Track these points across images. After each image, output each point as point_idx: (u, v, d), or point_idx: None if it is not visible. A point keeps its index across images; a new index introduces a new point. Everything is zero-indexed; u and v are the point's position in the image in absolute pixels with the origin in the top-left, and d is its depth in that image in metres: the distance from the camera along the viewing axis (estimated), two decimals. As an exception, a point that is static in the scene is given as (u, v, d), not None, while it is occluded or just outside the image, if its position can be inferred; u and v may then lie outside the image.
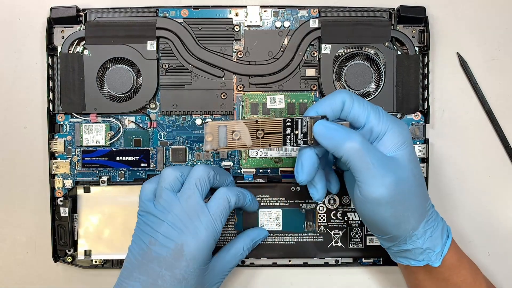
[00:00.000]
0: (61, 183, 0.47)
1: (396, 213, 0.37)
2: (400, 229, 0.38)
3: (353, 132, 0.36)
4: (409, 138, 0.38)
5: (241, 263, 0.48)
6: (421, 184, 0.38)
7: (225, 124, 0.36)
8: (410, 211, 0.37)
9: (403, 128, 0.38)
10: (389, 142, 0.37)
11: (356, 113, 0.37)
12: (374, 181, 0.36)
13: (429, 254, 0.39)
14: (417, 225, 0.38)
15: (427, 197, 0.39)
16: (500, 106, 0.48)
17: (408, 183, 0.37)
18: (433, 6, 0.48)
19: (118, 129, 0.47)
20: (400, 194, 0.36)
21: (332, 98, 0.38)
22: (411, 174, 0.37)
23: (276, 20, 0.47)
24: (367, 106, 0.38)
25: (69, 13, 0.46)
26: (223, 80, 0.47)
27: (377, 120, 0.37)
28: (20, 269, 0.48)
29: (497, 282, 0.48)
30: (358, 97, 0.38)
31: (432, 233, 0.39)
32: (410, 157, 0.37)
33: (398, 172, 0.36)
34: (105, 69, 0.46)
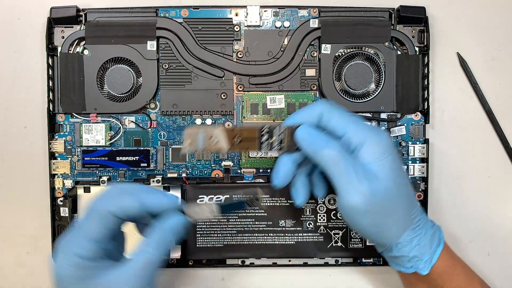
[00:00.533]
0: (61, 183, 0.47)
1: (376, 222, 0.37)
2: (383, 238, 0.38)
3: (332, 140, 0.37)
4: (391, 147, 0.38)
5: (241, 263, 0.48)
6: (404, 193, 0.38)
7: (203, 130, 0.38)
8: (391, 220, 0.37)
9: (382, 138, 0.37)
10: (367, 152, 0.37)
11: (335, 123, 0.38)
12: (350, 189, 0.36)
13: (417, 262, 0.39)
14: (400, 233, 0.38)
15: (413, 206, 0.39)
16: (500, 106, 0.48)
17: (387, 192, 0.37)
18: (433, 6, 0.48)
19: (118, 129, 0.47)
20: (378, 203, 0.36)
21: (310, 109, 0.38)
22: (391, 183, 0.37)
23: (276, 20, 0.47)
24: (346, 117, 0.38)
25: (69, 13, 0.46)
26: (223, 80, 0.47)
27: (355, 131, 0.37)
28: (20, 269, 0.48)
29: (497, 282, 0.48)
30: (337, 108, 0.38)
31: (420, 241, 0.38)
32: (391, 166, 0.37)
33: (376, 182, 0.36)
34: (105, 69, 0.46)
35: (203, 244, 0.46)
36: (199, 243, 0.46)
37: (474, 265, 0.48)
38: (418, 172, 0.47)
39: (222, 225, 0.46)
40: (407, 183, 0.39)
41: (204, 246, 0.46)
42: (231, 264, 0.48)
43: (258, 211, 0.46)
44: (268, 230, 0.46)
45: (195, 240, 0.46)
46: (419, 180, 0.47)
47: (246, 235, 0.46)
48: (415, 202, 0.39)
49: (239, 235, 0.46)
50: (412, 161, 0.47)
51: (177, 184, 0.47)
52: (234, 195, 0.40)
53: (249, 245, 0.46)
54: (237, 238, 0.46)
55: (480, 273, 0.48)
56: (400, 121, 0.47)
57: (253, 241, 0.46)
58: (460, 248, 0.48)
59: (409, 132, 0.47)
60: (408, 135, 0.47)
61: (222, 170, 0.47)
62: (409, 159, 0.47)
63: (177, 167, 0.47)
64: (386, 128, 0.47)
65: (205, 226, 0.46)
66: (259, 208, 0.46)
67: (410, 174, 0.47)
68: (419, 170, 0.47)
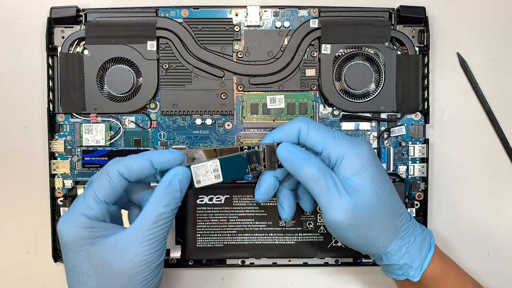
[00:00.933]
0: (61, 183, 0.47)
1: (360, 235, 0.37)
2: (370, 248, 0.38)
3: (312, 157, 0.37)
4: (371, 158, 0.37)
5: (241, 263, 0.48)
6: (387, 204, 0.38)
7: (185, 153, 0.39)
8: (376, 231, 0.38)
9: (362, 150, 0.37)
10: (347, 166, 0.37)
11: (312, 140, 0.38)
12: (331, 205, 0.36)
13: (408, 269, 0.39)
14: (387, 243, 0.38)
15: (398, 214, 0.39)
16: (500, 106, 0.48)
17: (369, 206, 0.37)
18: (433, 6, 0.48)
19: (118, 129, 0.47)
20: (360, 217, 0.37)
21: (288, 127, 0.38)
22: (373, 196, 0.37)
23: (276, 20, 0.47)
24: (323, 132, 0.38)
25: (69, 13, 0.46)
26: (223, 80, 0.47)
27: (333, 146, 0.37)
28: (20, 269, 0.48)
29: (497, 282, 0.48)
30: (315, 124, 0.38)
31: (409, 249, 0.38)
32: (372, 178, 0.37)
33: (357, 196, 0.36)
34: (105, 69, 0.46)
35: (203, 244, 0.46)
36: (199, 243, 0.46)
37: (474, 265, 0.48)
38: (418, 172, 0.47)
39: (222, 225, 0.46)
40: (391, 192, 0.39)
41: (204, 246, 0.46)
42: (231, 264, 0.48)
43: (258, 211, 0.46)
44: (268, 230, 0.46)
45: (195, 240, 0.46)
46: (419, 180, 0.47)
47: (246, 235, 0.46)
48: (401, 210, 0.39)
49: (239, 235, 0.46)
50: (412, 161, 0.47)
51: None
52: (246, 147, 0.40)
53: (249, 245, 0.46)
54: (237, 238, 0.46)
55: (480, 273, 0.48)
56: (400, 121, 0.47)
57: (253, 241, 0.46)
58: (460, 248, 0.48)
59: (409, 132, 0.47)
60: (408, 135, 0.47)
61: (222, 170, 0.47)
62: (409, 159, 0.47)
63: (177, 167, 0.47)
64: (386, 128, 0.47)
65: (205, 226, 0.46)
66: (255, 171, 0.42)
67: (410, 174, 0.47)
68: (419, 170, 0.47)
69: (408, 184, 0.47)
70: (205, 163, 0.38)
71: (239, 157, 0.39)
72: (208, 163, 0.38)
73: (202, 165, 0.38)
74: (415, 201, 0.47)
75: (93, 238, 0.35)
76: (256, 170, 0.39)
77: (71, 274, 0.36)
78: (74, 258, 0.35)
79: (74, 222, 0.35)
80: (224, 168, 0.38)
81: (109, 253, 0.35)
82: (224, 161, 0.38)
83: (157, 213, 0.35)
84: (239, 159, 0.39)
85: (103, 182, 0.35)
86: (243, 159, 0.39)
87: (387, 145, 0.47)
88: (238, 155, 0.39)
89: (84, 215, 0.35)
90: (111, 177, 0.35)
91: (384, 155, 0.47)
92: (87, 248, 0.35)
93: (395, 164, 0.47)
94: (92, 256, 0.35)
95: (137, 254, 0.35)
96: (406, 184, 0.47)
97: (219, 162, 0.38)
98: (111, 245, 0.35)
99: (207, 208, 0.46)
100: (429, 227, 0.47)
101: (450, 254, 0.42)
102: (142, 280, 0.35)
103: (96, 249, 0.35)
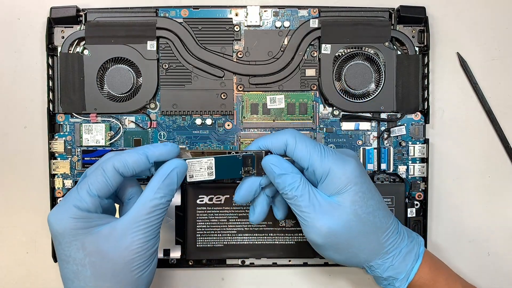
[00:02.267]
0: (61, 183, 0.47)
1: (339, 252, 0.38)
2: (352, 263, 0.39)
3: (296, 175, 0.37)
4: (356, 177, 0.37)
5: (241, 263, 0.48)
6: (368, 222, 0.38)
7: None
8: (355, 249, 0.38)
9: (346, 169, 0.37)
10: (330, 184, 0.37)
11: (299, 155, 0.38)
12: (308, 225, 0.37)
13: (393, 281, 0.39)
14: (370, 258, 0.38)
15: (382, 231, 0.38)
16: (500, 106, 0.48)
17: (347, 225, 0.37)
18: (433, 6, 0.48)
19: (118, 129, 0.47)
20: (336, 237, 0.37)
21: (276, 138, 0.38)
22: (351, 216, 0.37)
23: (276, 20, 0.47)
24: (310, 148, 0.38)
25: (69, 13, 0.46)
26: (223, 80, 0.47)
27: (319, 162, 0.37)
28: (20, 269, 0.48)
29: (497, 282, 0.48)
30: (303, 139, 0.38)
31: (393, 262, 0.38)
32: (353, 198, 0.37)
33: (335, 215, 0.37)
34: (105, 69, 0.46)
35: (203, 244, 0.46)
36: (199, 243, 0.46)
37: (474, 265, 0.48)
38: (418, 172, 0.47)
39: (222, 225, 0.46)
40: (375, 209, 0.38)
41: (204, 246, 0.46)
42: (231, 264, 0.48)
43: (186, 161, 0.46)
44: (268, 230, 0.46)
45: (195, 240, 0.46)
46: (419, 180, 0.47)
47: (246, 235, 0.46)
48: (387, 224, 0.39)
49: (239, 235, 0.46)
50: (412, 161, 0.47)
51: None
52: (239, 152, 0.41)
53: (249, 245, 0.46)
54: (237, 238, 0.46)
55: (480, 273, 0.48)
56: (400, 121, 0.47)
57: (253, 241, 0.46)
58: (460, 248, 0.48)
59: (409, 132, 0.47)
60: (408, 135, 0.47)
61: (222, 170, 0.47)
62: (409, 159, 0.47)
63: (177, 167, 0.47)
64: (386, 128, 0.47)
65: (205, 226, 0.46)
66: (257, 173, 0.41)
67: (410, 174, 0.47)
68: (419, 170, 0.47)
69: (408, 184, 0.47)
70: (201, 159, 0.39)
71: (235, 158, 0.39)
72: (203, 159, 0.39)
73: (198, 161, 0.39)
74: (415, 201, 0.47)
75: (87, 228, 0.35)
76: (250, 173, 0.39)
77: (65, 266, 0.35)
78: (67, 249, 0.35)
79: (65, 213, 0.35)
80: (218, 167, 0.39)
81: (105, 241, 0.35)
82: (219, 160, 0.39)
83: (153, 203, 0.35)
84: (234, 160, 0.39)
85: (98, 177, 0.35)
86: (238, 161, 0.39)
87: (387, 145, 0.47)
88: (234, 156, 0.39)
89: (76, 206, 0.35)
90: (107, 172, 0.35)
91: (384, 155, 0.47)
92: (82, 237, 0.35)
93: (395, 164, 0.47)
94: (87, 244, 0.35)
95: (133, 241, 0.35)
96: (406, 184, 0.47)
97: (214, 160, 0.39)
98: (106, 234, 0.35)
99: (207, 208, 0.46)
100: (429, 227, 0.47)
101: (450, 254, 0.42)
102: (138, 267, 0.35)
103: (91, 238, 0.35)
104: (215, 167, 0.39)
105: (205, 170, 0.39)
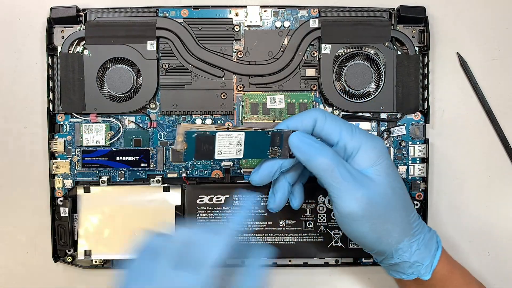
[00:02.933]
0: (61, 183, 0.47)
1: (374, 228, 0.37)
2: (383, 244, 0.38)
3: (326, 147, 0.37)
4: (385, 152, 0.38)
5: (241, 263, 0.47)
6: (401, 197, 0.38)
7: (197, 127, 0.36)
8: (390, 225, 0.37)
9: (377, 143, 0.38)
10: (363, 158, 0.37)
11: (329, 130, 0.38)
12: (345, 196, 0.36)
13: (418, 267, 0.39)
14: (400, 238, 0.38)
15: (410, 210, 0.39)
16: (500, 106, 0.48)
17: (384, 197, 0.37)
18: (433, 6, 0.48)
19: (118, 129, 0.47)
20: (375, 208, 0.36)
21: (304, 115, 0.38)
22: (388, 188, 0.37)
23: (276, 20, 0.47)
24: (340, 123, 0.38)
25: (69, 13, 0.46)
26: (223, 80, 0.47)
27: (350, 137, 0.37)
28: (20, 269, 0.48)
29: (497, 282, 0.48)
30: (331, 115, 0.38)
31: (419, 245, 0.38)
32: (387, 171, 0.37)
33: (372, 187, 0.36)
34: (105, 69, 0.46)
35: (203, 244, 0.46)
36: (199, 243, 0.46)
37: (474, 265, 0.48)
38: (418, 172, 0.47)
39: (222, 225, 0.46)
40: (403, 187, 0.39)
41: (204, 246, 0.46)
42: (231, 264, 0.48)
43: (258, 210, 0.46)
44: (268, 230, 0.46)
45: (195, 240, 0.46)
46: (419, 180, 0.47)
47: (246, 235, 0.46)
48: (412, 206, 0.39)
49: (239, 235, 0.46)
50: (412, 161, 0.47)
51: (177, 184, 0.47)
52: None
53: (249, 245, 0.46)
54: (237, 238, 0.46)
55: (480, 273, 0.48)
56: (400, 121, 0.47)
57: (253, 241, 0.46)
58: (460, 248, 0.48)
59: (409, 132, 0.47)
60: (408, 135, 0.47)
61: (222, 170, 0.47)
62: (409, 159, 0.47)
63: (177, 167, 0.47)
64: (386, 128, 0.47)
65: (205, 226, 0.46)
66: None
67: (410, 174, 0.47)
68: (419, 170, 0.47)
69: (408, 184, 0.47)
70: (232, 133, 0.36)
71: (264, 135, 0.37)
72: (234, 133, 0.36)
73: (228, 134, 0.36)
74: (415, 201, 0.47)
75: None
76: (276, 154, 0.38)
77: None
78: None
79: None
80: (247, 144, 0.37)
81: None
82: (249, 136, 0.37)
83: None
84: (263, 137, 0.37)
85: None
86: (266, 138, 0.37)
87: (387, 145, 0.47)
88: (263, 132, 0.37)
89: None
90: None
91: (384, 155, 0.47)
92: None
93: (395, 164, 0.47)
94: None
95: None
96: (406, 184, 0.47)
97: (244, 135, 0.37)
98: None
99: (207, 208, 0.46)
100: (429, 227, 0.47)
101: (450, 254, 0.42)
102: None
103: None
104: (245, 143, 0.37)
105: (234, 147, 0.37)
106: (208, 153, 0.36)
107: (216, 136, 0.36)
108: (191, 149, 0.36)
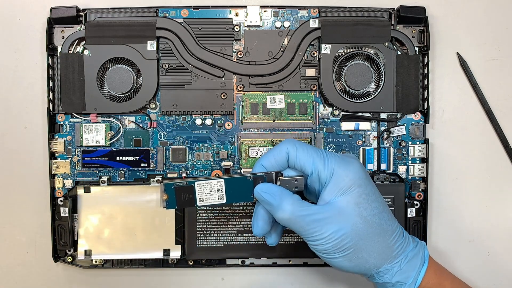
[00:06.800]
0: (61, 183, 0.47)
1: (349, 258, 0.37)
2: (361, 270, 0.38)
3: (286, 198, 0.36)
4: (359, 178, 0.37)
5: (241, 263, 0.48)
6: (375, 225, 0.37)
7: (178, 180, 0.38)
8: (365, 253, 0.37)
9: (350, 170, 0.37)
10: (334, 187, 0.37)
11: (301, 162, 0.38)
12: (313, 236, 0.36)
13: (401, 286, 0.38)
14: (379, 263, 0.38)
15: (389, 233, 0.38)
16: (500, 106, 0.48)
17: (354, 228, 0.36)
18: (433, 6, 0.48)
19: (118, 129, 0.47)
20: (344, 242, 0.36)
21: (276, 151, 0.38)
22: (358, 218, 0.37)
23: (276, 20, 0.47)
24: (312, 152, 0.38)
25: (69, 13, 0.46)
26: (223, 80, 0.47)
27: (322, 167, 0.37)
28: (20, 269, 0.48)
29: (497, 282, 0.48)
30: (303, 145, 0.38)
31: (401, 266, 0.38)
32: (357, 200, 0.37)
33: (341, 221, 0.36)
34: (105, 69, 0.46)
35: (203, 244, 0.46)
36: (199, 243, 0.46)
37: (474, 265, 0.48)
38: (418, 172, 0.47)
39: (222, 225, 0.46)
40: (380, 211, 0.38)
41: (204, 246, 0.46)
42: (231, 264, 0.48)
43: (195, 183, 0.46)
44: (268, 230, 0.46)
45: (195, 240, 0.46)
46: (419, 180, 0.47)
47: (246, 235, 0.46)
48: (393, 227, 0.38)
49: (239, 235, 0.46)
50: (412, 161, 0.47)
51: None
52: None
53: (249, 245, 0.46)
54: (237, 238, 0.46)
55: (480, 273, 0.48)
56: (400, 121, 0.47)
57: (253, 241, 0.46)
58: (460, 248, 0.48)
59: (409, 132, 0.47)
60: (408, 135, 0.47)
61: (222, 170, 0.47)
62: (409, 159, 0.47)
63: (177, 167, 0.47)
64: (386, 128, 0.47)
65: (205, 226, 0.46)
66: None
67: (410, 174, 0.47)
68: (419, 170, 0.47)
69: (408, 184, 0.47)
70: (210, 181, 0.37)
71: (245, 179, 0.38)
72: (213, 181, 0.37)
73: (207, 182, 0.37)
74: (415, 201, 0.47)
75: None
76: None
77: None
78: None
79: None
80: (229, 189, 0.38)
81: None
82: (229, 182, 0.38)
83: None
84: (244, 182, 0.38)
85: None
86: (248, 182, 0.38)
87: (387, 145, 0.47)
88: (244, 177, 0.38)
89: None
90: None
91: (384, 155, 0.47)
92: None
93: (395, 164, 0.47)
94: None
95: None
96: (406, 184, 0.47)
97: (224, 182, 0.37)
98: None
99: (207, 208, 0.46)
100: (429, 227, 0.47)
101: (450, 255, 0.42)
102: None
103: None
104: (225, 189, 0.38)
105: (215, 193, 0.38)
106: (189, 201, 0.38)
107: (195, 185, 0.37)
108: (173, 199, 0.38)
